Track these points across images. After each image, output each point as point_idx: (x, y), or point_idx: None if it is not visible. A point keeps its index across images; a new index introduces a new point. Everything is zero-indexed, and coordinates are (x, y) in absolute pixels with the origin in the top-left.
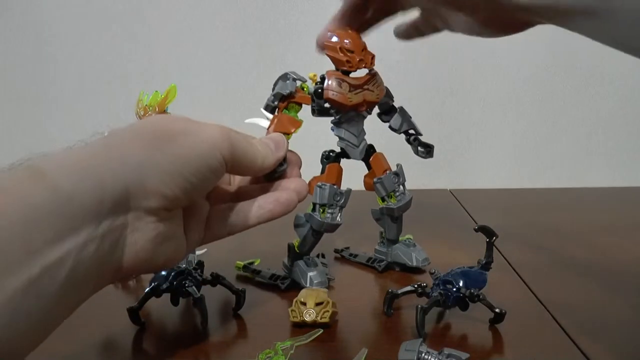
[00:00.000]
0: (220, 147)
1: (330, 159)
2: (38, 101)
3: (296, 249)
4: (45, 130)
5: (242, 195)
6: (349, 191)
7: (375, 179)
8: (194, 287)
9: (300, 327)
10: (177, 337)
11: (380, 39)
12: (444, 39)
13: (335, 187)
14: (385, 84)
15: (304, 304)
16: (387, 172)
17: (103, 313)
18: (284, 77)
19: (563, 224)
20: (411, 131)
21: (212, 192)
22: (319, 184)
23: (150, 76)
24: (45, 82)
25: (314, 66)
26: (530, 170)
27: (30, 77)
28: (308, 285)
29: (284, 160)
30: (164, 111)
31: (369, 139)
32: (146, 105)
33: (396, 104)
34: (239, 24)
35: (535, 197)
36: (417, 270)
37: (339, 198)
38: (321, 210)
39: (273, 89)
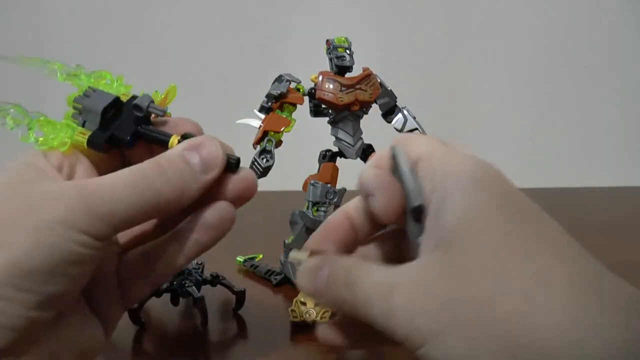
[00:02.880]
0: (73, 222)
1: (326, 158)
2: (37, 101)
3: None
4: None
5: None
6: (343, 190)
7: None
8: (194, 287)
9: (301, 327)
10: (177, 337)
11: (381, 39)
12: (444, 39)
13: (328, 185)
14: (385, 84)
15: (304, 303)
16: None
17: None
18: (279, 79)
19: (563, 223)
20: (415, 131)
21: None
22: (312, 181)
23: (150, 76)
24: (44, 82)
25: (314, 67)
26: (530, 170)
27: (30, 77)
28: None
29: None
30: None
31: (369, 138)
32: None
33: (397, 104)
34: (240, 24)
35: (535, 197)
36: None
37: (332, 196)
38: (314, 208)
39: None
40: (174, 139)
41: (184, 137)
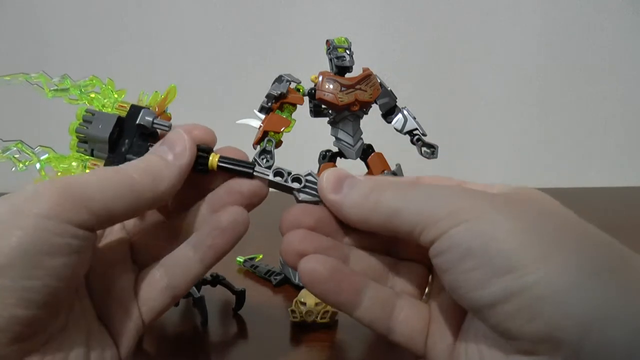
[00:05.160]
0: (58, 214)
1: (326, 158)
2: (37, 102)
3: None
4: (44, 131)
5: (176, 228)
6: None
7: None
8: (194, 287)
9: (301, 327)
10: (177, 337)
11: (381, 39)
12: (444, 38)
13: None
14: (385, 85)
15: (304, 304)
16: (385, 171)
17: None
18: (279, 79)
19: None
20: (415, 131)
21: (136, 248)
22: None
23: (150, 76)
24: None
25: (314, 67)
26: (530, 170)
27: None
28: (297, 281)
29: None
30: (163, 112)
31: (370, 138)
32: (146, 105)
33: (397, 104)
34: (240, 24)
35: None
36: None
37: None
38: None
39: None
40: None
41: (198, 149)
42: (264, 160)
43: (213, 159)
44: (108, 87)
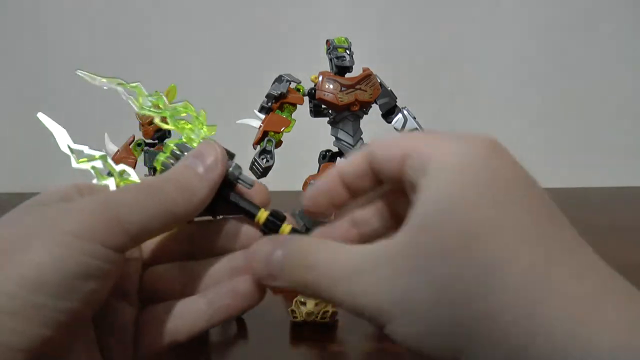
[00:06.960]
0: (94, 235)
1: (326, 158)
2: (37, 102)
3: None
4: (44, 132)
5: (194, 274)
6: None
7: None
8: None
9: (301, 327)
10: None
11: (381, 39)
12: (444, 38)
13: None
14: (385, 84)
15: (304, 303)
16: None
17: None
18: (279, 79)
19: None
20: (415, 131)
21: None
22: (312, 182)
23: (151, 76)
24: (44, 82)
25: (314, 67)
26: (530, 170)
27: (30, 77)
28: None
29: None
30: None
31: (370, 138)
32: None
33: (397, 104)
34: (240, 25)
35: None
36: None
37: None
38: None
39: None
40: (262, 214)
41: (272, 214)
42: (264, 160)
43: (285, 228)
44: (200, 118)
